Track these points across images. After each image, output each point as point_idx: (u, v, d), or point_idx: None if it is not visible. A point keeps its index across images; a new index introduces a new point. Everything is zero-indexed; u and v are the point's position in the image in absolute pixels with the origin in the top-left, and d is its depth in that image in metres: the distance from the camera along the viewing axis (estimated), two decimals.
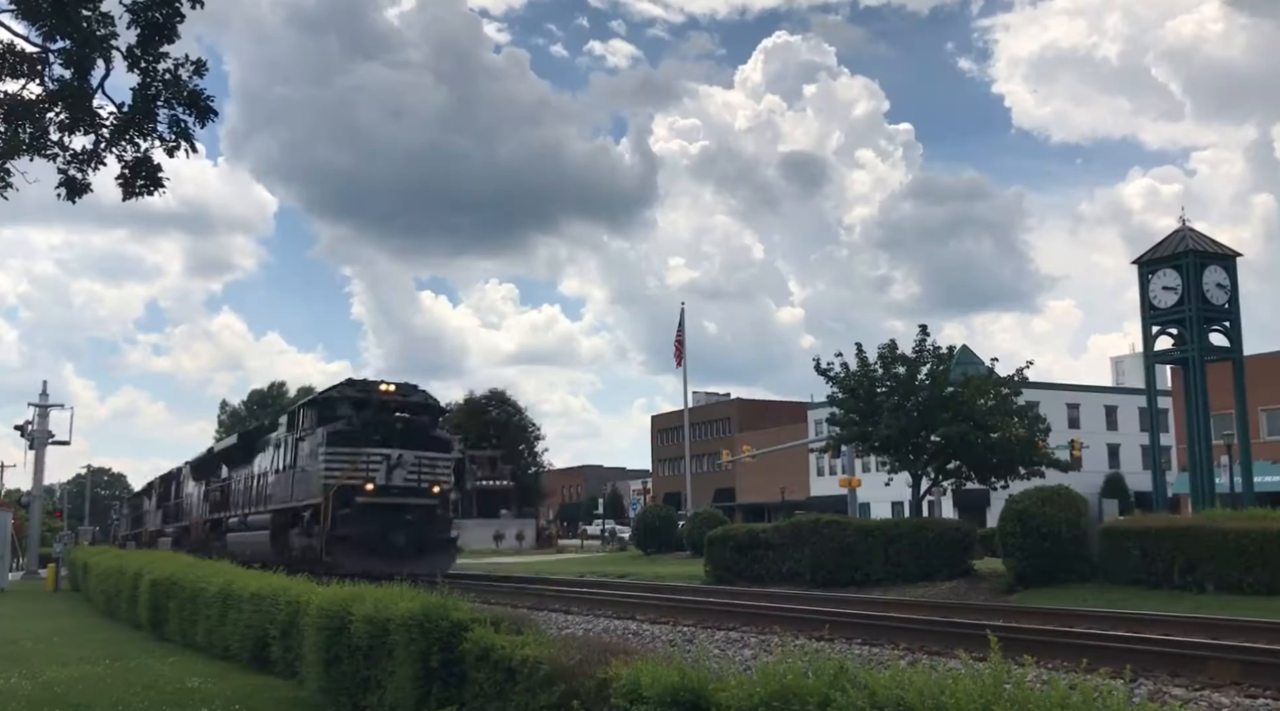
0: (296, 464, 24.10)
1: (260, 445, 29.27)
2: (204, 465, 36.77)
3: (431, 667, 7.80)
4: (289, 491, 24.38)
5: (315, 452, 22.64)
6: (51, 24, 9.61)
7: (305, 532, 23.06)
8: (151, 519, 49.90)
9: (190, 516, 38.38)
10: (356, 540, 21.08)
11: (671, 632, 9.36)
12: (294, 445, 24.63)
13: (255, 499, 28.10)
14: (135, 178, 10.36)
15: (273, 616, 12.26)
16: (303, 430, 24.21)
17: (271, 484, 26.21)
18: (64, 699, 11.18)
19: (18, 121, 9.94)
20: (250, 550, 27.13)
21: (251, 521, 28.22)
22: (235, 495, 31.06)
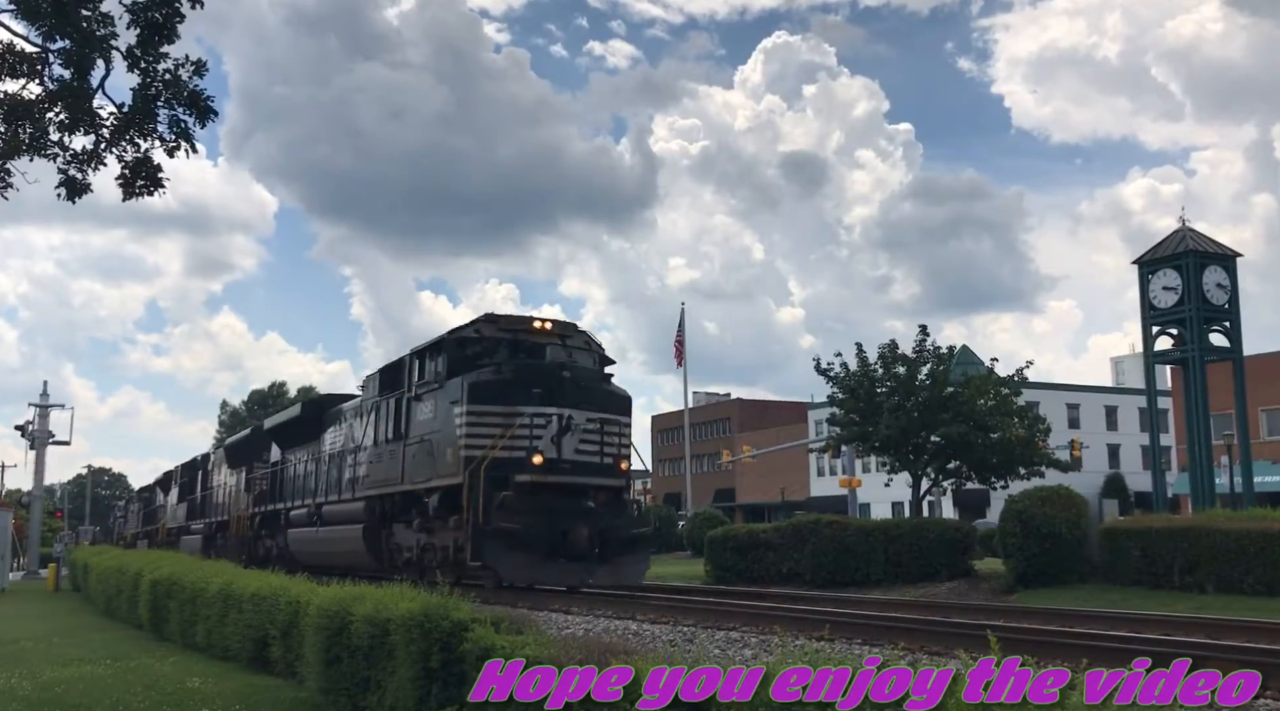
0: (409, 432, 17.59)
1: (335, 416, 22.75)
2: (244, 448, 30.14)
3: (431, 667, 7.80)
4: (396, 470, 17.85)
5: (448, 413, 16.14)
6: (51, 24, 9.62)
7: (427, 526, 16.68)
8: (170, 514, 43.56)
9: (227, 510, 31.65)
10: (520, 537, 14.69)
11: (671, 632, 9.35)
12: (401, 408, 18.08)
13: (333, 485, 21.43)
14: (135, 178, 10.38)
15: (273, 616, 12.26)
16: (421, 385, 17.44)
17: (363, 463, 19.67)
18: (64, 699, 11.19)
19: (18, 121, 9.95)
20: (327, 550, 21.00)
21: (330, 512, 21.17)
22: (297, 481, 24.41)
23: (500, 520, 14.67)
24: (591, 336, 18.09)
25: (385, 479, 18.23)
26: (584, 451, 15.76)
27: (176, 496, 41.57)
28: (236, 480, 30.59)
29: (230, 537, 29.70)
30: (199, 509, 36.46)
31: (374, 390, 19.94)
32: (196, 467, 38.47)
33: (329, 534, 20.85)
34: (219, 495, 33.17)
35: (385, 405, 18.93)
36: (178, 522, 40.52)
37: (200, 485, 36.75)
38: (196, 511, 37.00)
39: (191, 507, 37.91)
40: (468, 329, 17.11)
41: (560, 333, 17.25)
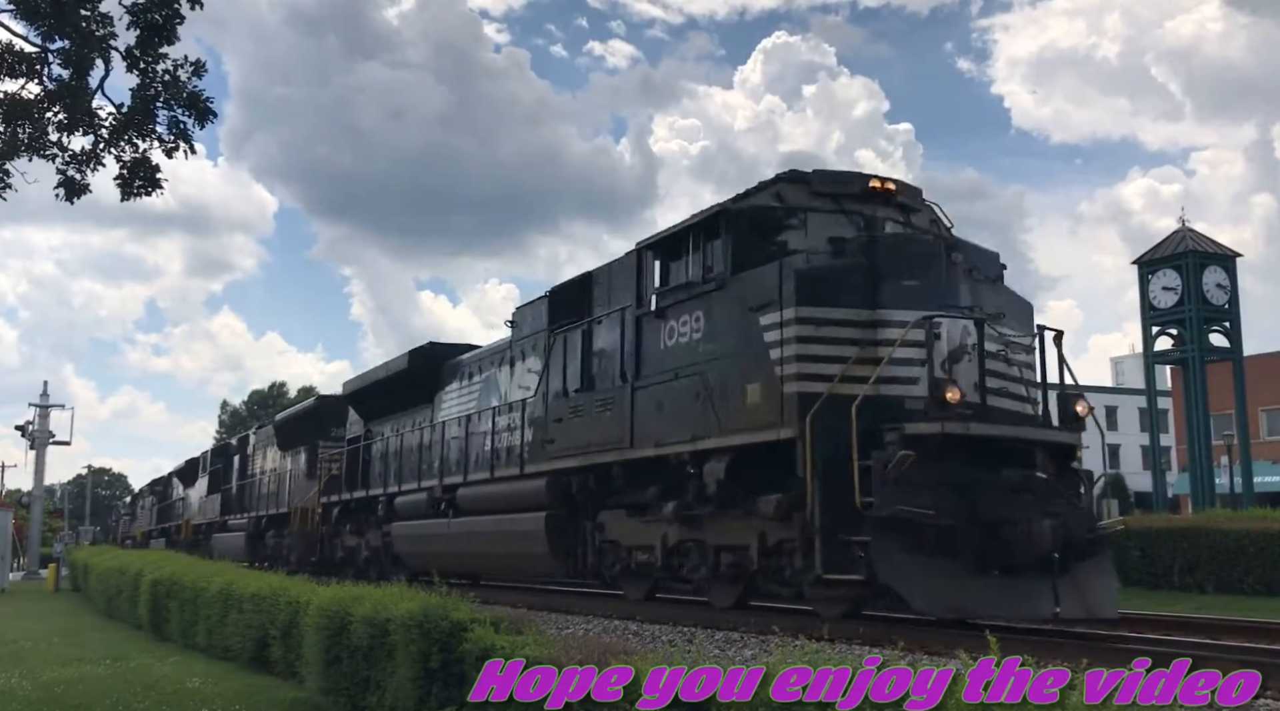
0: (642, 368, 11.68)
1: (454, 371, 17.61)
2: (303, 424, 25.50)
3: (431, 668, 7.81)
4: (615, 428, 11.92)
5: (742, 328, 10.21)
6: (50, 24, 9.63)
7: (690, 513, 10.93)
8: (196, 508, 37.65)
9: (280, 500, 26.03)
10: (940, 536, 8.71)
11: (671, 632, 9.35)
12: (621, 335, 12.20)
13: (477, 458, 15.61)
14: (133, 178, 10.39)
15: (273, 616, 12.26)
16: (670, 292, 11.60)
17: (529, 424, 13.92)
18: (64, 699, 11.18)
19: (17, 121, 9.96)
20: (471, 549, 15.50)
21: (472, 498, 15.44)
22: (400, 459, 18.75)
23: (896, 500, 8.50)
24: (940, 211, 11.45)
25: (590, 443, 12.24)
26: (1002, 390, 9.82)
27: (205, 487, 35.56)
28: (293, 464, 25.69)
29: (291, 535, 24.32)
30: (237, 501, 30.82)
31: (538, 322, 14.31)
32: (231, 452, 33.08)
33: (473, 527, 15.18)
34: (266, 483, 27.83)
35: (570, 339, 13.32)
36: (208, 517, 34.40)
37: (238, 472, 31.27)
38: (234, 504, 31.20)
39: (227, 500, 32.13)
40: (762, 193, 10.85)
41: (903, 202, 11.06)
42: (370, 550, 19.95)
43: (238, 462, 31.83)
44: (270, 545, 26.93)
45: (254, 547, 27.99)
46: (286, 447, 26.88)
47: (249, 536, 28.55)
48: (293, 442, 26.29)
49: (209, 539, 33.82)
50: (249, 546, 28.21)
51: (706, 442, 10.40)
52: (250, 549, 28.15)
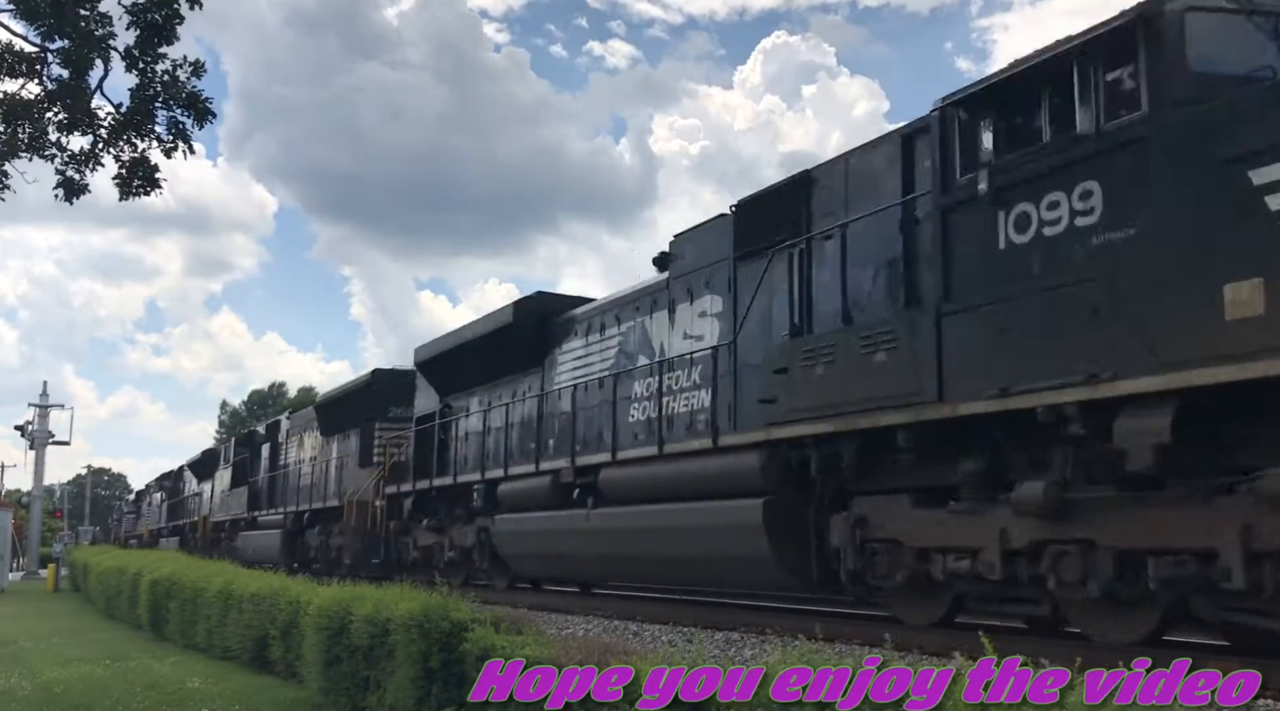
0: (953, 264, 8.08)
1: (566, 328, 14.41)
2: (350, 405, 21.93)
3: (431, 668, 7.81)
4: (921, 375, 8.08)
5: (1220, 191, 6.33)
6: (50, 24, 9.63)
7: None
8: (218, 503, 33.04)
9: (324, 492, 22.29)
10: None
11: (671, 632, 9.36)
12: (917, 228, 8.69)
13: (634, 428, 12.18)
14: (132, 178, 10.40)
15: (273, 616, 12.26)
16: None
17: (720, 378, 10.67)
18: (64, 699, 11.19)
19: (16, 121, 9.96)
20: (630, 551, 11.73)
21: (630, 482, 11.95)
22: (499, 437, 15.43)
23: None
24: None
25: (850, 399, 8.65)
26: None
27: (228, 480, 31.45)
28: (340, 450, 22.32)
29: (345, 533, 20.45)
30: (268, 494, 27.18)
31: (713, 249, 11.06)
32: (259, 441, 29.88)
33: (629, 520, 11.55)
34: (305, 474, 24.20)
35: (783, 263, 9.92)
36: (231, 513, 30.19)
37: (269, 463, 27.70)
38: (264, 498, 27.48)
39: (255, 493, 28.30)
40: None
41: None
42: (457, 550, 16.33)
43: (268, 452, 27.86)
44: (314, 545, 23.01)
45: (291, 547, 24.06)
46: (331, 432, 23.16)
47: (285, 534, 24.42)
48: (339, 425, 22.51)
49: (233, 538, 29.73)
50: (285, 546, 24.12)
51: (1127, 384, 6.60)
52: (287, 549, 24.04)
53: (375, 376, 22.08)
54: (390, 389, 20.94)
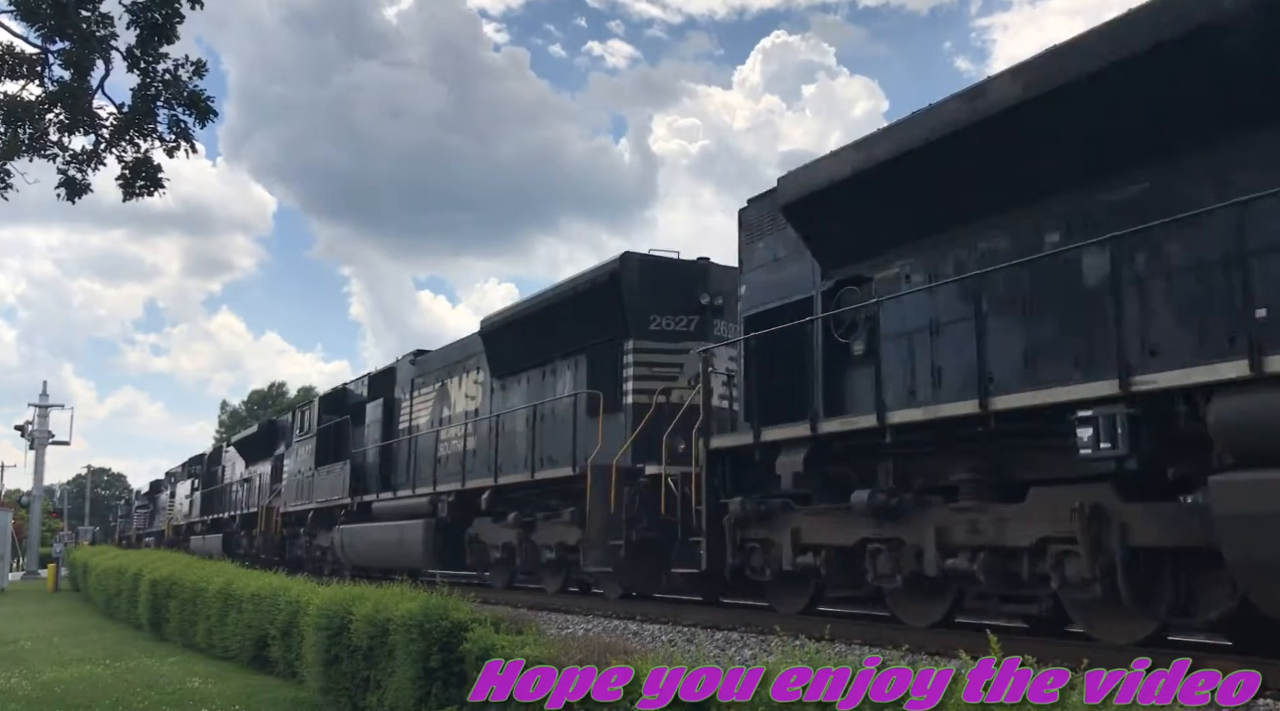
0: None
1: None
2: (584, 307, 13.67)
3: (431, 667, 7.81)
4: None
5: None
6: (51, 25, 9.63)
7: None
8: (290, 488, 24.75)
9: (537, 455, 14.08)
10: None
11: (671, 632, 9.35)
12: None
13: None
14: (135, 178, 10.40)
15: (273, 616, 12.27)
16: None
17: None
18: (64, 699, 11.19)
19: (18, 122, 9.96)
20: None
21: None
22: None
23: None
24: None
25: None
26: None
27: (308, 456, 22.87)
28: (535, 391, 14.76)
29: (589, 520, 12.04)
30: (385, 471, 19.45)
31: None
32: (354, 401, 21.90)
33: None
34: (455, 438, 16.81)
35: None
36: (318, 500, 21.71)
37: (381, 428, 19.80)
38: (373, 476, 19.62)
39: (360, 471, 20.12)
40: None
41: None
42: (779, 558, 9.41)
43: (377, 413, 19.94)
44: (496, 542, 14.77)
45: (441, 548, 15.86)
46: (518, 367, 15.17)
47: (432, 526, 15.88)
48: (538, 355, 14.55)
49: (317, 536, 22.10)
50: (431, 544, 15.88)
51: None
52: (434, 550, 15.89)
53: (627, 263, 12.80)
54: (653, 285, 12.75)
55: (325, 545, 21.39)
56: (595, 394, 12.79)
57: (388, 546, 17.55)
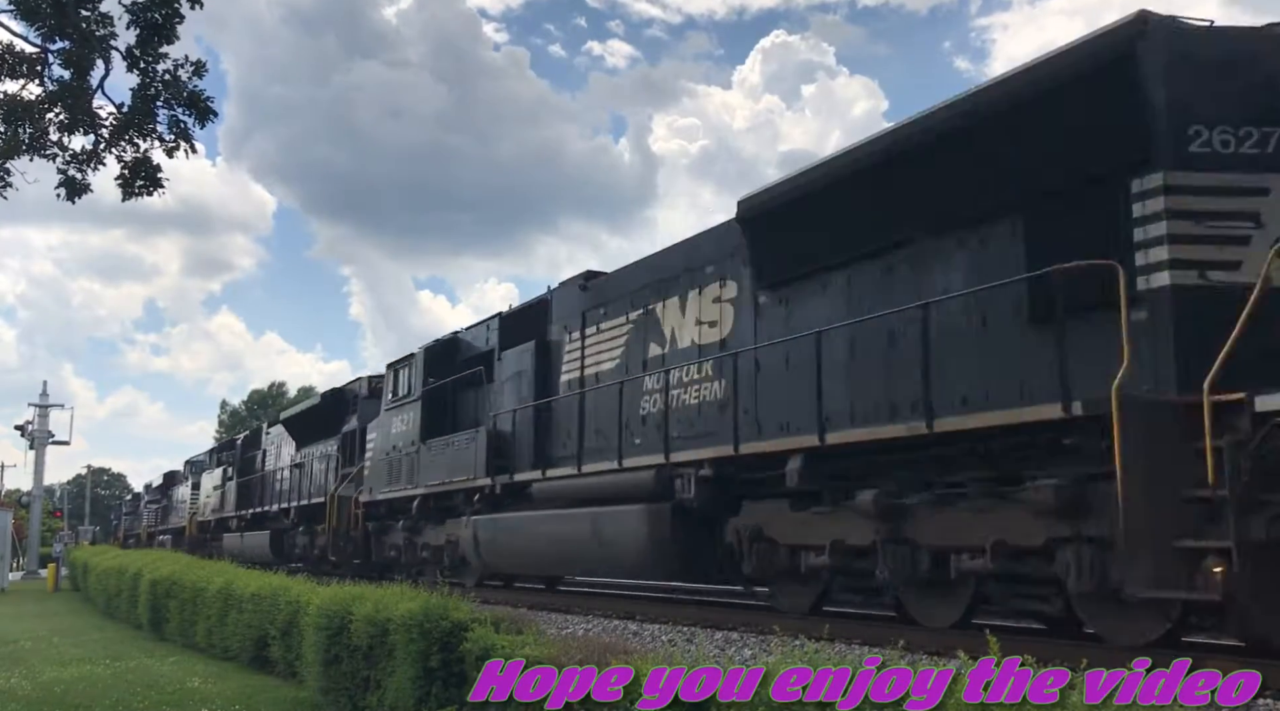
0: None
1: None
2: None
3: (431, 667, 7.81)
4: None
5: None
6: (51, 24, 9.64)
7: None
8: (376, 469, 19.09)
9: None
10: None
11: (671, 632, 9.36)
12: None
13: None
14: (135, 178, 10.41)
15: (273, 616, 12.27)
16: None
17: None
18: (64, 699, 11.19)
19: (17, 122, 9.97)
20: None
21: None
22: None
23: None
24: None
25: None
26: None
27: (409, 428, 17.76)
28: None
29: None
30: (533, 439, 14.19)
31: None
32: (487, 351, 16.29)
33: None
34: (653, 394, 11.93)
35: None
36: (424, 484, 16.75)
37: (536, 379, 14.53)
38: (522, 448, 14.34)
39: (500, 442, 14.74)
40: None
41: None
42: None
43: (524, 364, 14.74)
44: (877, 548, 8.70)
45: (685, 547, 10.88)
46: (824, 266, 9.77)
47: (665, 515, 10.87)
48: (896, 231, 8.95)
49: (423, 531, 17.21)
50: (667, 541, 10.88)
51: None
52: (672, 550, 10.96)
53: (1155, 30, 7.22)
54: (1198, 70, 7.23)
55: (438, 543, 16.56)
56: (1088, 268, 6.87)
57: (573, 544, 12.37)
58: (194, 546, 33.67)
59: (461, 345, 17.61)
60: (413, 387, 17.88)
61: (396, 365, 18.93)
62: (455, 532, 15.78)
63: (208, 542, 32.60)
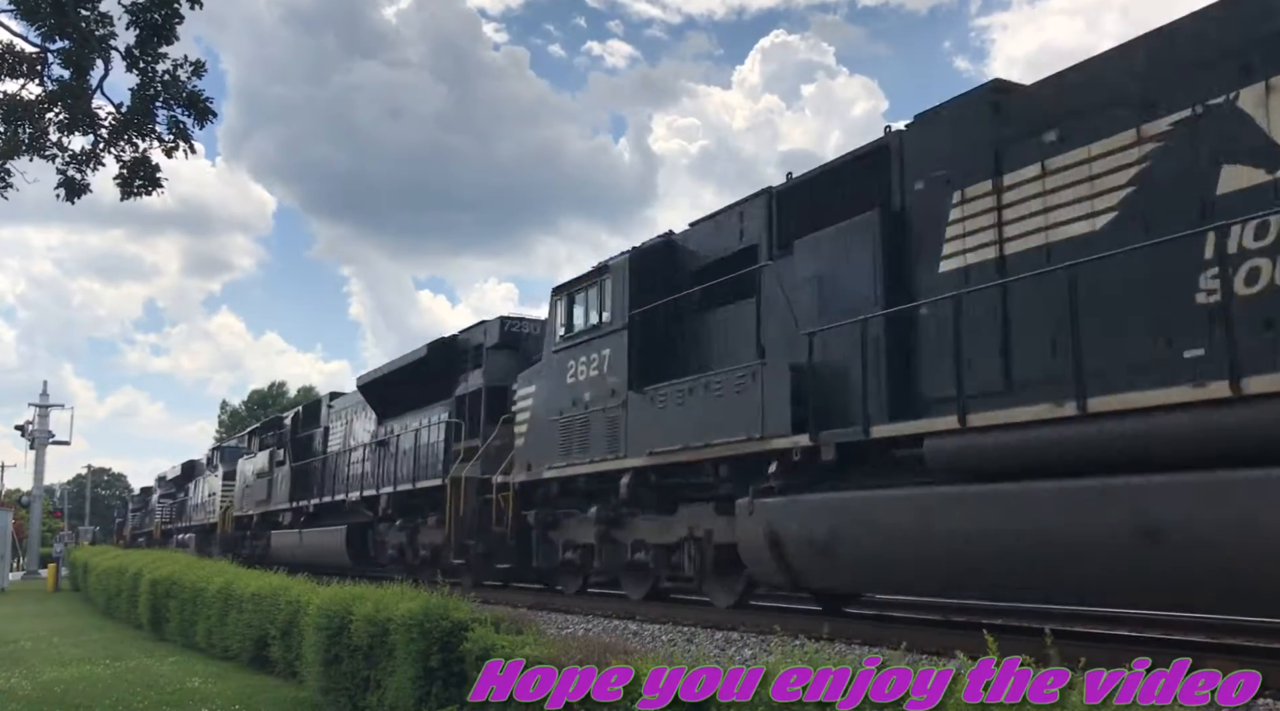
0: None
1: None
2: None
3: (431, 667, 7.81)
4: None
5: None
6: (50, 24, 9.64)
7: None
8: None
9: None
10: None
11: (671, 632, 9.36)
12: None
13: None
14: (133, 178, 10.41)
15: (273, 616, 12.27)
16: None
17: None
18: (64, 699, 11.19)
19: (17, 121, 9.97)
20: None
21: None
22: None
23: None
24: None
25: None
26: None
27: (609, 361, 12.14)
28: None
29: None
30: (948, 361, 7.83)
31: None
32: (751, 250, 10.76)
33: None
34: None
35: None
36: (726, 437, 9.90)
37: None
38: (850, 395, 8.65)
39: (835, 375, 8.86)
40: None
41: None
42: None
43: (867, 245, 8.97)
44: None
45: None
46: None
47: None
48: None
49: (628, 523, 11.98)
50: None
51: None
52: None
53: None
54: None
55: (665, 540, 11.35)
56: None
57: (1078, 550, 6.69)
58: (228, 546, 29.13)
59: (683, 249, 12.06)
60: (608, 314, 12.38)
61: (571, 287, 13.24)
62: (704, 524, 10.68)
63: (247, 541, 27.98)
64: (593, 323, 12.72)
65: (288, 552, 22.97)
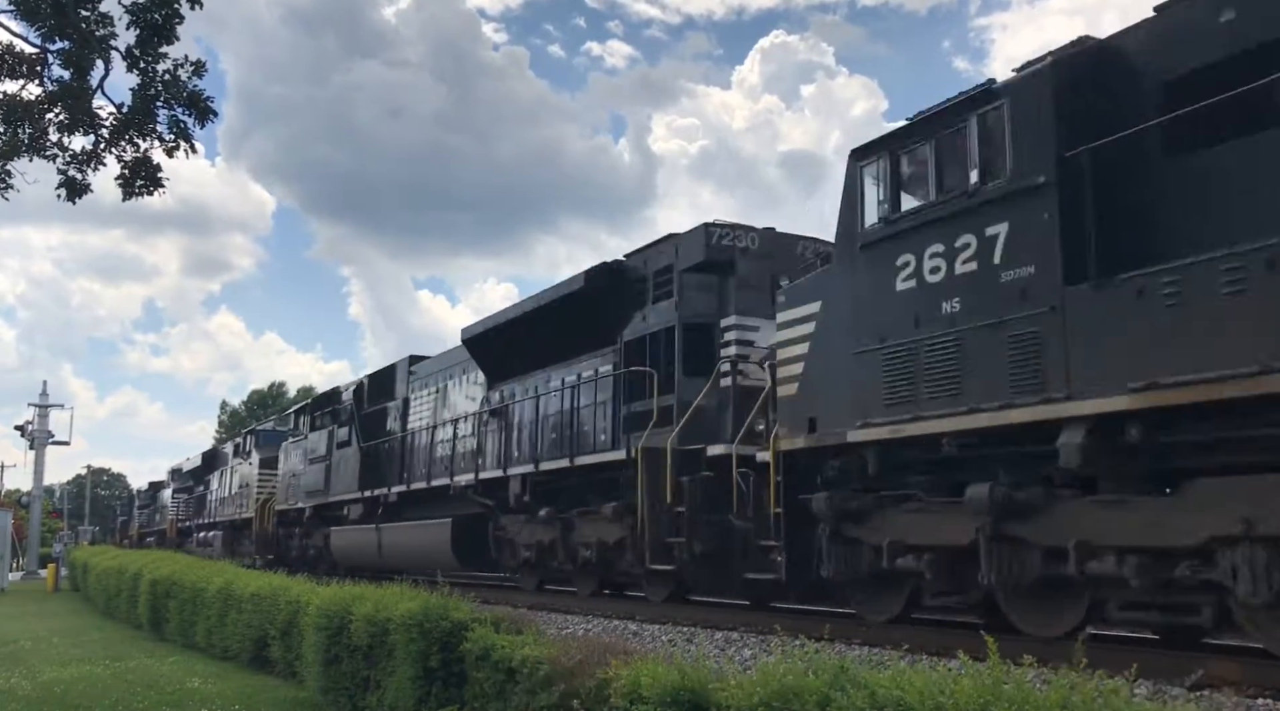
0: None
1: None
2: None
3: (431, 667, 7.81)
4: None
5: None
6: (51, 24, 9.63)
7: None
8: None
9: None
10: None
11: (672, 632, 9.35)
12: None
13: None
14: (135, 178, 10.40)
15: (273, 616, 12.27)
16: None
17: None
18: (64, 699, 11.19)
19: (18, 122, 9.97)
20: None
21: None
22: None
23: None
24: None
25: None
26: None
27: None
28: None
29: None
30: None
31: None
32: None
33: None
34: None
35: None
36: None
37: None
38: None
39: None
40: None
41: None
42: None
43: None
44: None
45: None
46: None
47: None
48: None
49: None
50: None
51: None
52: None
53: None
54: None
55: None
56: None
57: None
58: (265, 546, 24.47)
59: (1130, 57, 7.53)
60: (1006, 165, 7.50)
61: (907, 138, 8.38)
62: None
63: (296, 539, 23.43)
64: (960, 187, 7.80)
65: (357, 553, 18.86)
